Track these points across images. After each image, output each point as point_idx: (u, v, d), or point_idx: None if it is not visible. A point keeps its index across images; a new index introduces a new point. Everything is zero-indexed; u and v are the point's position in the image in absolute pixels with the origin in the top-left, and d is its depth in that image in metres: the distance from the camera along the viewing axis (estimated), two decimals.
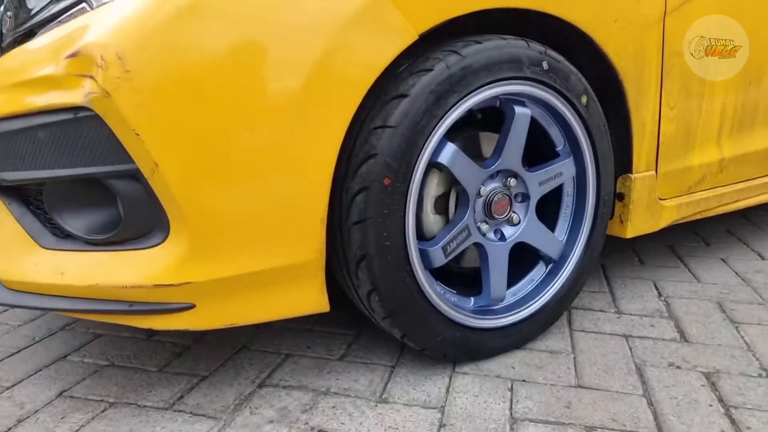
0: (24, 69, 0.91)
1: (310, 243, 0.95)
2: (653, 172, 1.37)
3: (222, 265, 0.90)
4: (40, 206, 1.00)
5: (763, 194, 1.69)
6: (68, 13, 0.99)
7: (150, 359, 1.25)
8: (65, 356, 1.28)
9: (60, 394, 1.12)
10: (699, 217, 1.54)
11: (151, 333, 1.37)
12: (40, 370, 1.22)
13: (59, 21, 1.00)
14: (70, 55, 0.82)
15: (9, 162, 0.95)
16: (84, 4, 0.96)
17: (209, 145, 0.85)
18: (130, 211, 0.89)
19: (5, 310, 1.58)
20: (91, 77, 0.81)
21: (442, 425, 0.98)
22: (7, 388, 1.15)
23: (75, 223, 0.94)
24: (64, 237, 0.97)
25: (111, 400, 1.09)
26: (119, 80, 0.80)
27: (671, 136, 1.37)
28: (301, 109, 0.89)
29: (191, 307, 0.91)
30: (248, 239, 0.91)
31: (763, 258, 1.76)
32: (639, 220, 1.39)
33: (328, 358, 1.22)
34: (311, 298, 0.99)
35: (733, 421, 0.98)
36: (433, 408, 1.03)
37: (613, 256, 1.80)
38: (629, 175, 1.34)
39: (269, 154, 0.88)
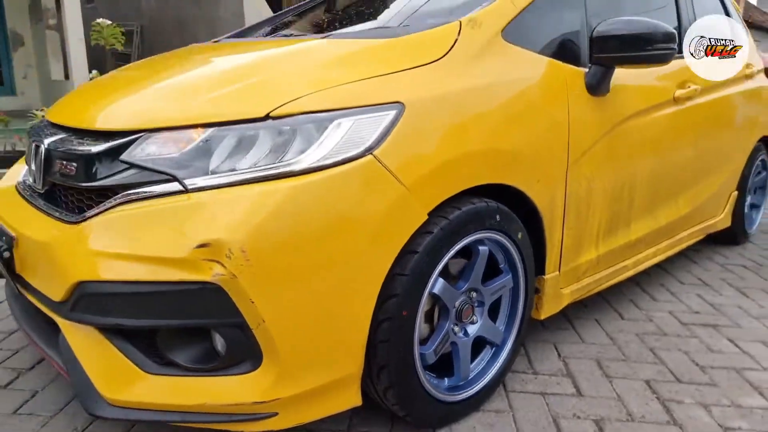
0: (144, 246, 1.19)
1: (355, 360, 1.34)
2: (557, 272, 1.93)
3: (298, 383, 1.26)
4: (142, 340, 1.27)
5: (621, 275, 2.34)
6: (154, 187, 1.24)
7: None
8: None
9: None
10: (584, 296, 2.14)
11: None
12: None
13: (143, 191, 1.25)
14: (201, 246, 1.14)
15: (131, 312, 1.22)
16: (176, 183, 1.24)
17: (304, 302, 1.21)
18: (230, 350, 1.22)
19: None
20: (220, 263, 1.14)
21: None
22: None
23: (182, 356, 1.24)
24: (164, 364, 1.26)
25: None
26: (242, 266, 1.14)
27: (568, 247, 1.94)
28: (361, 266, 1.28)
29: (275, 414, 1.26)
30: (317, 363, 1.28)
31: (622, 318, 2.42)
32: (548, 306, 1.94)
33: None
34: (350, 398, 1.38)
35: None
36: None
37: None
38: (543, 276, 1.88)
39: (339, 310, 1.27)
